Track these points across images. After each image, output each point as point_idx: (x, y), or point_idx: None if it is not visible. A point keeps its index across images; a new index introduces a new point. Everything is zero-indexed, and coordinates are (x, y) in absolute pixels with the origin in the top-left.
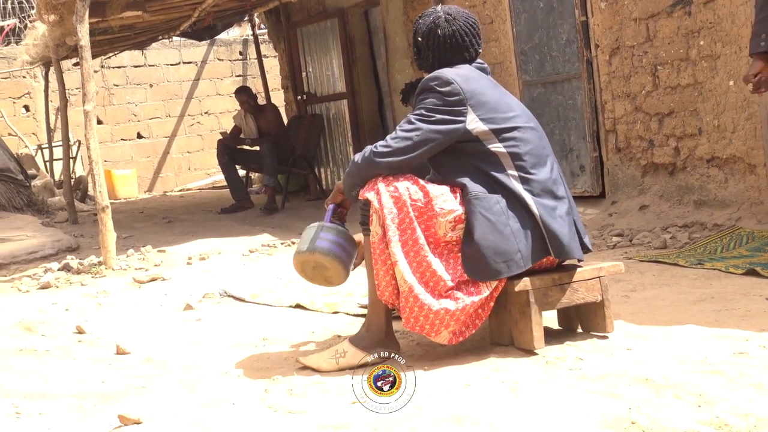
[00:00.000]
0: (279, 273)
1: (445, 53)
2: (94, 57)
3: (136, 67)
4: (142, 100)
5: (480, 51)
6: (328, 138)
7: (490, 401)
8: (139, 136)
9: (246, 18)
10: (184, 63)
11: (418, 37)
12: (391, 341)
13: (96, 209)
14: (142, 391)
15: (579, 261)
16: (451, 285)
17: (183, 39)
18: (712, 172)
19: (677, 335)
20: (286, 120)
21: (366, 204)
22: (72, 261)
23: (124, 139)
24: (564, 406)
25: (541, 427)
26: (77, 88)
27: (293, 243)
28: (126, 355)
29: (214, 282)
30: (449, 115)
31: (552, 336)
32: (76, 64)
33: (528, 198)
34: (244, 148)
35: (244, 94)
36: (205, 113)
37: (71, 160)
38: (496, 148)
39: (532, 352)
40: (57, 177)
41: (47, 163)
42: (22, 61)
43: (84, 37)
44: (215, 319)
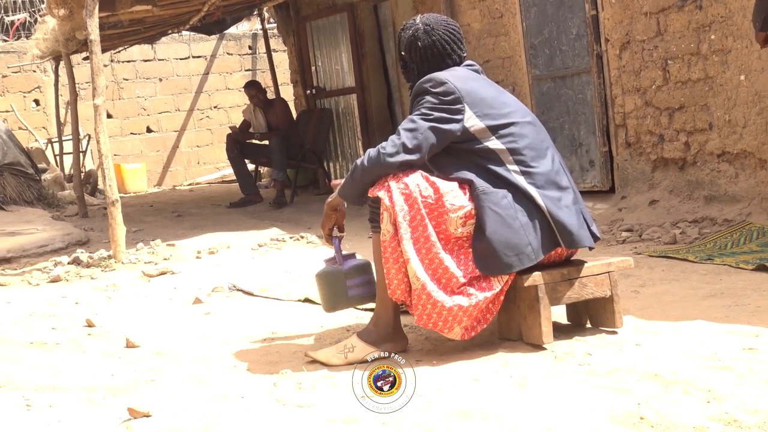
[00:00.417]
0: (288, 267)
1: (428, 63)
2: (103, 51)
3: (146, 61)
4: (151, 94)
5: (464, 55)
6: (337, 132)
7: (498, 396)
8: (149, 130)
9: (255, 12)
10: (194, 57)
11: (402, 51)
12: (399, 336)
13: (105, 203)
14: (151, 385)
15: (590, 249)
16: (463, 281)
17: (192, 33)
18: (723, 167)
19: (687, 331)
20: (295, 114)
21: (376, 201)
22: (82, 254)
23: (134, 133)
24: (572, 401)
25: (550, 422)
26: (87, 83)
27: (302, 237)
28: (135, 349)
29: (223, 276)
30: (448, 114)
31: (561, 331)
32: (85, 59)
33: (533, 191)
34: (254, 142)
35: (253, 88)
36: (215, 107)
37: (81, 154)
38: (494, 144)
39: (540, 347)
40: (67, 171)
41: (57, 157)
42: (32, 55)
43: (94, 32)
44: (224, 313)
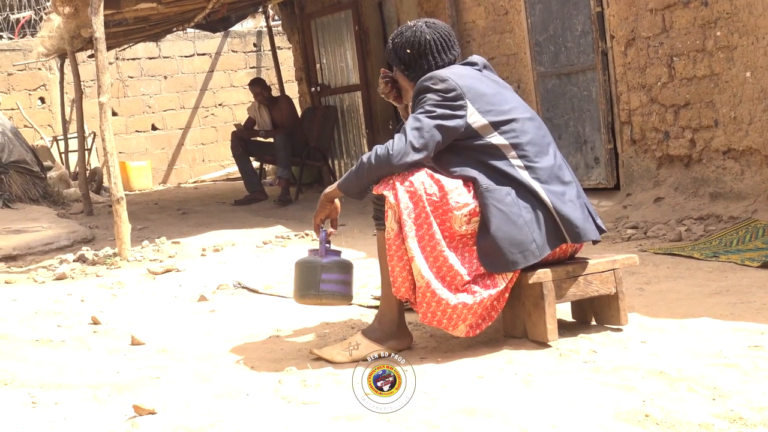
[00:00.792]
0: (292, 265)
1: (440, 54)
2: (108, 49)
3: (151, 59)
4: (156, 91)
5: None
6: (342, 130)
7: (503, 393)
8: (154, 128)
9: (260, 9)
10: (199, 55)
11: (407, 50)
12: (404, 333)
13: (111, 201)
14: (156, 382)
15: (594, 243)
16: (467, 279)
17: (197, 31)
18: (728, 164)
19: (692, 328)
20: (299, 112)
21: (380, 198)
22: (87, 252)
23: (139, 131)
24: (577, 398)
25: (555, 420)
26: (92, 80)
27: (307, 235)
28: (141, 346)
29: (228, 273)
30: (451, 110)
31: (566, 328)
32: (91, 56)
33: (537, 186)
34: (258, 139)
35: (258, 85)
36: (219, 105)
37: (86, 152)
38: (497, 140)
39: (545, 345)
40: (72, 168)
41: (63, 155)
42: (37, 53)
43: (99, 29)
44: (229, 311)
